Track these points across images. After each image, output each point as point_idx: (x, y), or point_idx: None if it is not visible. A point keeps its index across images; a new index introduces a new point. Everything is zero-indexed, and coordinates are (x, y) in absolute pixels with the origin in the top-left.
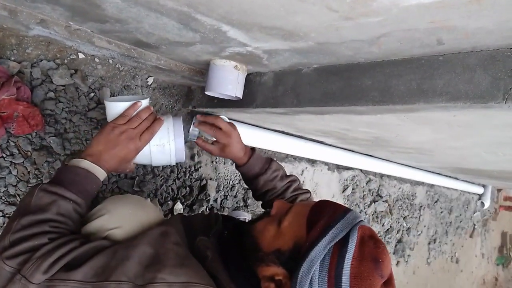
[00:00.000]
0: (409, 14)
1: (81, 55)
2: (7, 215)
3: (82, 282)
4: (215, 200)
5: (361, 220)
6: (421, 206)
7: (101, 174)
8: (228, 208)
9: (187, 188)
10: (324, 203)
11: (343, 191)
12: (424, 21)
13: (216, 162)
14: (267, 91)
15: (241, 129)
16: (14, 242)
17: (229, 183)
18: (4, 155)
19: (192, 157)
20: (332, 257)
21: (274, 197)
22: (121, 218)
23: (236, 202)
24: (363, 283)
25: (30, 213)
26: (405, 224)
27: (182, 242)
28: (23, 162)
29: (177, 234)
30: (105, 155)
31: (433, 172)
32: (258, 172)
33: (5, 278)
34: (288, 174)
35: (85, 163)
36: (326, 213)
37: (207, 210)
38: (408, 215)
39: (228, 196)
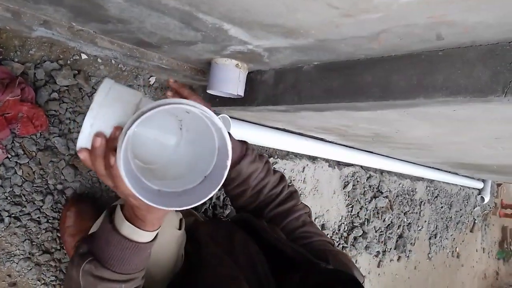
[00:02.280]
0: (409, 10)
1: (84, 56)
2: (13, 215)
3: None
4: None
5: None
6: (421, 202)
7: (147, 237)
8: None
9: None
10: None
11: (343, 188)
12: (424, 16)
13: None
14: (268, 89)
15: (243, 127)
16: None
17: None
18: (9, 156)
19: None
20: None
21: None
22: None
23: None
24: None
25: None
26: (405, 220)
27: None
28: (28, 162)
29: None
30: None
31: (433, 168)
32: (239, 154)
33: None
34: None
35: (127, 230)
36: None
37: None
38: (408, 211)
39: None
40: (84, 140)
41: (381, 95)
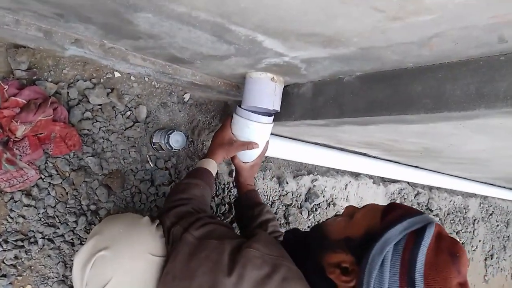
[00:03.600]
0: (467, 10)
1: (117, 74)
2: (47, 237)
3: (220, 243)
4: None
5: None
6: (474, 220)
7: (210, 165)
8: None
9: (226, 205)
10: (401, 204)
11: None
12: (484, 17)
13: (255, 178)
14: (306, 102)
15: (280, 143)
16: (169, 208)
17: (269, 199)
18: (43, 176)
19: (230, 173)
20: (407, 242)
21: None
22: (110, 238)
23: (277, 219)
24: (438, 274)
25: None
26: (458, 239)
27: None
28: (61, 182)
29: None
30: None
31: (486, 183)
32: (261, 200)
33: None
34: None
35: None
36: (402, 208)
37: None
38: (461, 230)
39: None
40: None
41: (433, 107)
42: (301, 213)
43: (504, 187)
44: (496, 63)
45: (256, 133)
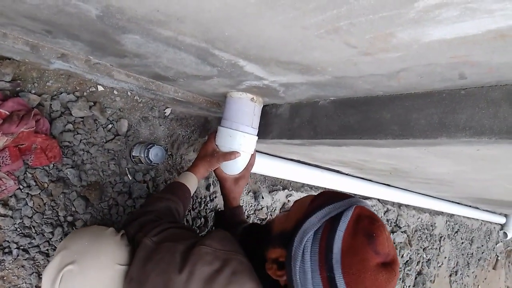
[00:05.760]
0: (430, 50)
1: (100, 88)
2: (22, 247)
3: (174, 244)
4: None
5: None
6: (441, 237)
7: (188, 178)
8: None
9: (202, 219)
10: (330, 191)
11: None
12: (446, 57)
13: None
14: (283, 122)
15: (257, 158)
16: (134, 218)
17: (245, 214)
18: (21, 187)
19: (207, 187)
20: (324, 230)
21: None
22: (76, 252)
23: None
24: (354, 257)
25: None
26: (425, 256)
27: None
28: (39, 193)
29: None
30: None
31: (453, 202)
32: (244, 218)
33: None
34: None
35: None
36: (328, 196)
37: None
38: (428, 246)
39: None
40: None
41: (400, 133)
42: None
43: (470, 206)
44: (457, 96)
45: (237, 142)
